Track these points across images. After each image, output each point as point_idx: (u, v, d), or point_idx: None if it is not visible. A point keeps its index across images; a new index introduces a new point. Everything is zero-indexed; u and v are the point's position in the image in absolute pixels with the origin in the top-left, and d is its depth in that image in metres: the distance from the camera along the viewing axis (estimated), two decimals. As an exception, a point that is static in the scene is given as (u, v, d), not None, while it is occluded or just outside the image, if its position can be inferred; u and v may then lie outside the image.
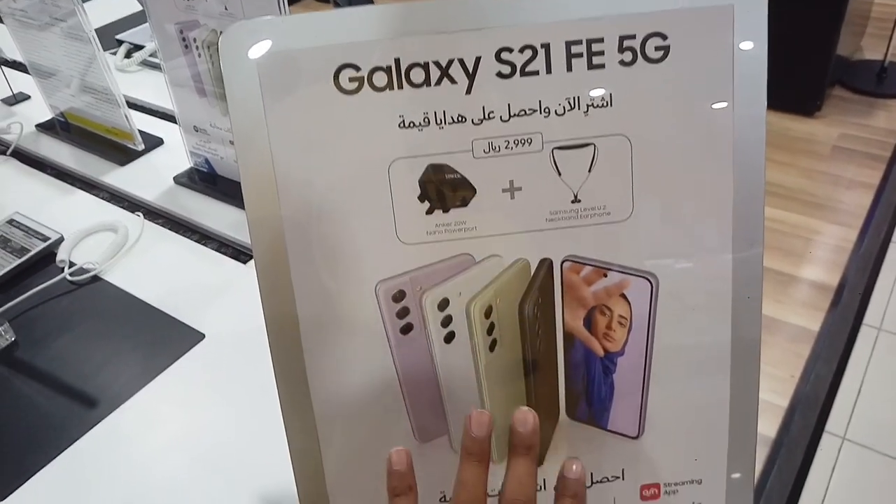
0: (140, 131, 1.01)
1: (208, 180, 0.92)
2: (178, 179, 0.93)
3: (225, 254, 0.79)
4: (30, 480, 0.57)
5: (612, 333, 0.46)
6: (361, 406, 0.46)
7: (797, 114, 2.53)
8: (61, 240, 0.83)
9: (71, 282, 0.77)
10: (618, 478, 0.49)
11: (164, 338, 0.68)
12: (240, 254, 0.79)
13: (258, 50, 0.41)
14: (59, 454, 0.58)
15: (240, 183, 0.47)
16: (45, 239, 0.82)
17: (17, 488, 0.56)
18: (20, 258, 0.80)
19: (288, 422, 0.46)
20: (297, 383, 0.45)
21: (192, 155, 0.93)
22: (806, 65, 2.40)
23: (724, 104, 0.42)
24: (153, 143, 1.03)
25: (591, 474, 0.49)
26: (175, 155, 0.98)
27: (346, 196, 0.43)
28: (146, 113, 1.12)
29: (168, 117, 1.10)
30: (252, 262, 0.77)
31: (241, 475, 0.55)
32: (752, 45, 0.42)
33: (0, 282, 0.77)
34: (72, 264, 0.79)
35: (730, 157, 0.43)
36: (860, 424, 1.50)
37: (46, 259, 0.81)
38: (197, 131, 0.89)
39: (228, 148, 0.86)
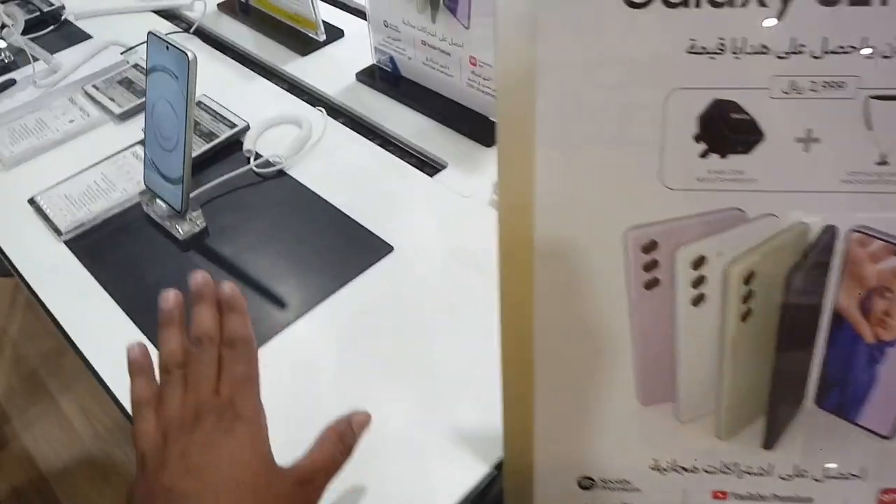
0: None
1: (390, 80, 0.88)
2: (360, 76, 0.90)
3: (410, 163, 0.75)
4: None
5: (889, 320, 0.40)
6: (585, 353, 0.43)
7: None
8: (247, 128, 0.82)
9: (257, 173, 0.77)
10: (857, 476, 0.43)
11: (353, 245, 0.66)
12: (425, 164, 0.75)
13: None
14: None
15: (425, 87, 0.42)
16: (232, 126, 0.82)
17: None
18: (208, 143, 0.80)
19: (505, 349, 0.43)
20: (521, 311, 0.42)
21: (377, 52, 0.89)
22: None
23: None
24: (334, 34, 1.00)
25: (825, 468, 0.44)
26: (355, 50, 0.94)
27: (612, 123, 0.38)
28: (326, 2, 1.08)
29: (349, 9, 1.06)
30: (439, 176, 0.74)
31: (432, 397, 0.53)
32: None
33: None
34: (258, 155, 0.78)
35: None
36: None
37: (232, 147, 0.81)
38: (387, 27, 0.85)
39: (418, 49, 0.82)
